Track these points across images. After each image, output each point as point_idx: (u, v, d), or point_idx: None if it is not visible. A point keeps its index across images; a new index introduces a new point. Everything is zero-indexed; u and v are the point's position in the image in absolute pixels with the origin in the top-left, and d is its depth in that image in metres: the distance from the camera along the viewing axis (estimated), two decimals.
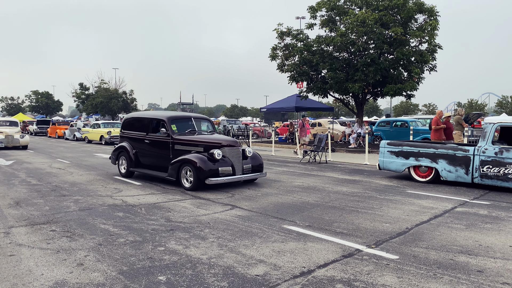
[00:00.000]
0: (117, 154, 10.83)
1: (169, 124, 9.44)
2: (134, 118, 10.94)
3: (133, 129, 10.57)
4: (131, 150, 10.34)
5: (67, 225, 5.79)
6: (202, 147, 8.93)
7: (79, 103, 53.67)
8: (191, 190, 8.46)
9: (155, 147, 9.76)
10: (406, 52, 18.35)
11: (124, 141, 10.77)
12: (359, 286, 3.73)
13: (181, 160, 8.77)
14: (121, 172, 10.68)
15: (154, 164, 9.78)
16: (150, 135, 9.90)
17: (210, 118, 10.63)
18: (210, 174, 8.40)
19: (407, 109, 78.42)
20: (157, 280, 3.84)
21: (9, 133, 20.03)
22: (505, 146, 8.67)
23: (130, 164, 10.31)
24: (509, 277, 3.97)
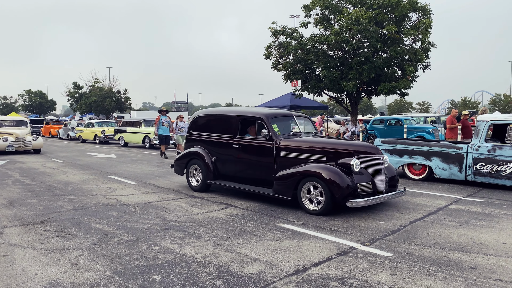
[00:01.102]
0: (186, 162, 8.63)
1: (269, 124, 7.28)
2: (211, 116, 8.74)
3: (210, 130, 8.39)
4: (208, 157, 8.17)
5: (61, 225, 5.76)
6: (325, 155, 6.72)
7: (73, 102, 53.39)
8: (321, 214, 6.29)
9: (248, 153, 7.55)
10: (400, 51, 18.41)
11: (196, 146, 8.56)
12: (354, 283, 3.75)
13: (300, 172, 6.56)
14: (192, 185, 8.52)
15: (246, 175, 7.60)
16: (240, 139, 7.68)
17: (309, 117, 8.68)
18: (348, 192, 6.13)
19: (401, 107, 78.76)
20: (152, 279, 3.84)
21: (20, 135, 17.04)
22: (498, 143, 8.74)
23: (207, 175, 8.10)
24: (502, 273, 4.01)
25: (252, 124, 7.77)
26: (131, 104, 53.04)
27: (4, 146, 16.62)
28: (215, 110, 8.88)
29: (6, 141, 16.67)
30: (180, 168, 8.87)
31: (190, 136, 8.89)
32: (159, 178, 10.30)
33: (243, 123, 7.87)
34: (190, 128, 8.92)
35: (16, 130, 17.37)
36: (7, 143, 16.66)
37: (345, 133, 21.92)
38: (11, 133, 17.20)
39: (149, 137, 20.00)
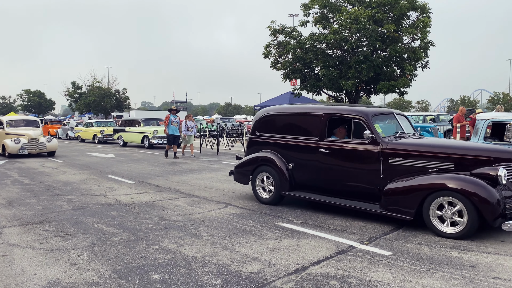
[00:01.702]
0: (252, 170, 7.28)
1: (372, 124, 6.01)
2: (286, 115, 7.25)
3: (284, 131, 7.06)
4: (283, 164, 6.85)
5: (60, 225, 5.76)
6: (453, 162, 5.47)
7: (72, 102, 53.35)
8: (461, 238, 5.08)
9: (342, 160, 6.26)
10: (399, 49, 18.43)
11: (265, 150, 7.24)
12: (353, 282, 3.76)
13: (429, 186, 5.26)
14: (260, 197, 7.19)
15: (337, 187, 6.28)
16: (330, 142, 6.35)
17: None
18: (500, 212, 4.95)
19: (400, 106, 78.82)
20: (151, 279, 3.84)
21: (33, 136, 15.39)
22: (497, 142, 8.74)
23: (281, 185, 6.80)
24: (501, 271, 4.02)
25: (343, 123, 6.64)
26: (130, 104, 53.00)
27: (16, 148, 14.99)
28: (290, 108, 7.41)
29: (18, 143, 15.05)
30: (243, 176, 7.52)
31: (256, 138, 7.52)
32: (158, 177, 10.30)
33: (332, 123, 6.61)
34: (255, 128, 7.58)
35: (28, 130, 15.61)
36: (19, 145, 15.03)
37: None
38: (23, 134, 15.44)
39: (148, 136, 19.99)
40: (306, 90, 21.76)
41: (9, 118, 17.06)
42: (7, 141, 15.21)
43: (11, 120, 16.70)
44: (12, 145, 14.99)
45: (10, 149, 14.98)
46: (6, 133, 15.78)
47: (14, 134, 15.53)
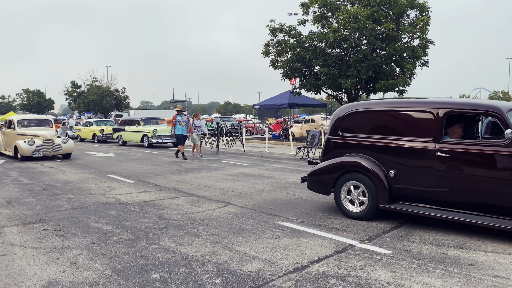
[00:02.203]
0: (335, 178, 6.11)
1: (509, 121, 4.98)
2: (381, 111, 6.01)
3: (379, 131, 5.92)
4: (381, 171, 5.73)
5: (60, 224, 5.76)
6: None
7: (71, 101, 53.33)
8: None
9: (469, 166, 5.20)
10: (398, 48, 18.43)
11: (353, 154, 6.07)
12: (352, 281, 3.76)
13: None
14: (348, 210, 6.03)
15: (461, 199, 5.19)
16: (450, 144, 5.31)
17: None
18: None
19: None
20: (151, 278, 3.84)
21: (48, 137, 14.06)
22: None
23: (380, 196, 5.66)
24: (500, 270, 4.02)
25: (460, 121, 5.75)
26: (129, 103, 52.95)
27: (30, 150, 13.69)
28: (389, 102, 6.11)
29: (32, 145, 13.71)
30: (322, 185, 6.33)
31: (338, 139, 6.33)
32: (157, 176, 10.30)
33: (451, 120, 5.60)
34: (337, 127, 6.38)
35: (42, 131, 14.32)
36: (33, 147, 13.71)
37: None
38: (37, 134, 14.10)
39: (148, 136, 19.98)
40: (305, 89, 21.79)
41: (21, 118, 15.66)
42: (20, 142, 13.84)
43: (22, 120, 15.30)
44: (26, 147, 13.66)
45: (23, 151, 13.66)
46: (18, 134, 14.45)
47: (26, 135, 14.20)
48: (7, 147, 15.27)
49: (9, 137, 15.11)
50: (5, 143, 15.53)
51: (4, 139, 15.66)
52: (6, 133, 15.50)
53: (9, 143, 15.06)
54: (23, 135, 14.26)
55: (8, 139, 15.21)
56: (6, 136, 15.49)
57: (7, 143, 15.34)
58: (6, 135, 15.43)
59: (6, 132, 15.44)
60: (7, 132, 15.40)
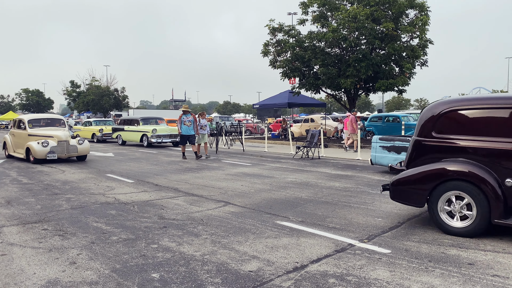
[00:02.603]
0: (432, 187, 5.24)
1: None
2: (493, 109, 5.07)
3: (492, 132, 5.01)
4: (493, 180, 4.90)
5: (59, 224, 5.76)
6: None
7: (70, 101, 53.38)
8: None
9: None
10: (398, 48, 18.45)
11: (453, 160, 5.23)
12: (352, 280, 3.76)
13: None
14: (448, 225, 5.15)
15: None
16: None
17: None
18: None
19: (399, 104, 78.90)
20: (151, 278, 3.84)
21: (63, 138, 13.06)
22: None
23: (493, 210, 4.83)
24: (499, 269, 4.03)
25: None
26: (128, 103, 52.98)
27: (44, 152, 12.70)
28: (499, 97, 5.18)
29: (46, 146, 12.73)
30: (415, 195, 5.41)
31: (432, 142, 5.45)
32: (157, 176, 10.30)
33: None
34: (430, 128, 5.50)
35: (56, 131, 13.36)
36: (47, 149, 12.74)
37: (342, 131, 21.96)
38: (51, 135, 13.12)
39: (147, 135, 19.98)
40: (305, 89, 21.81)
41: (31, 117, 14.53)
42: (33, 144, 12.80)
43: (34, 119, 14.27)
44: (40, 149, 12.66)
45: (37, 154, 12.65)
46: (29, 134, 13.47)
47: (39, 136, 13.23)
48: (17, 148, 14.30)
49: (19, 138, 14.09)
50: (14, 145, 14.56)
51: (13, 140, 14.69)
52: (15, 133, 14.43)
53: (19, 145, 14.08)
54: (35, 136, 13.27)
55: (18, 140, 14.20)
56: (15, 137, 14.43)
57: (17, 144, 14.32)
58: (16, 136, 14.36)
59: (16, 132, 14.39)
60: (16, 132, 14.34)
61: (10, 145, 14.68)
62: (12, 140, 14.66)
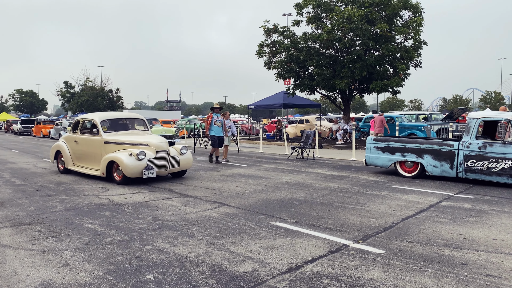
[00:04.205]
0: None
1: None
2: None
3: None
4: None
5: (53, 225, 5.72)
6: None
7: (65, 102, 53.12)
8: None
9: None
10: (392, 49, 18.52)
11: None
12: (346, 281, 3.77)
13: None
14: None
15: None
16: None
17: None
18: None
19: (393, 105, 79.19)
20: (145, 279, 3.83)
21: (163, 147, 9.36)
22: (489, 140, 8.82)
23: None
24: (492, 269, 4.05)
25: None
26: (123, 103, 52.81)
27: (140, 168, 8.82)
28: None
29: (142, 160, 8.86)
30: None
31: None
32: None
33: None
34: None
35: (151, 138, 9.58)
36: (143, 163, 8.87)
37: (337, 131, 22.01)
38: (144, 143, 9.33)
39: None
40: (299, 90, 21.83)
41: (105, 116, 10.61)
42: (121, 156, 8.87)
43: (108, 119, 10.47)
44: (133, 164, 8.75)
45: (129, 170, 8.73)
46: (107, 142, 9.69)
47: (124, 143, 9.49)
48: (82, 161, 10.49)
49: (87, 147, 10.25)
50: (76, 155, 10.66)
51: (74, 149, 10.70)
52: (79, 140, 10.51)
53: (86, 156, 10.29)
54: (116, 144, 9.54)
55: (84, 149, 10.37)
56: (79, 145, 10.50)
57: (81, 155, 10.48)
58: (80, 143, 10.45)
59: (80, 139, 10.48)
60: (81, 139, 10.45)
61: (69, 156, 10.72)
62: (73, 149, 10.73)
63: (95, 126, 10.34)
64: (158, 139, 9.59)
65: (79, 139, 10.55)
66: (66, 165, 10.82)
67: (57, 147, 11.27)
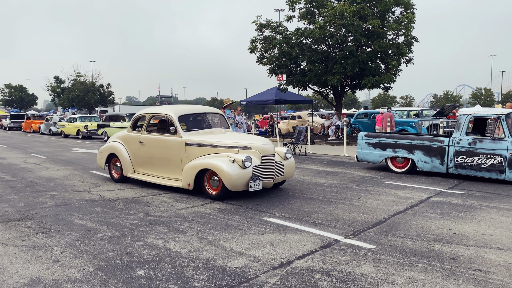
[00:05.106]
0: None
1: None
2: None
3: None
4: None
5: (43, 221, 5.67)
6: None
7: (55, 97, 52.57)
8: None
9: None
10: (384, 45, 18.59)
11: None
12: (337, 276, 3.79)
13: None
14: None
15: None
16: None
17: None
18: None
19: (385, 101, 79.58)
20: (136, 275, 3.82)
21: (269, 150, 7.31)
22: (478, 136, 8.91)
23: None
24: (481, 263, 4.10)
25: None
26: (114, 99, 52.40)
27: (246, 179, 6.81)
28: None
29: (249, 166, 6.85)
30: None
31: None
32: None
33: None
34: None
35: (252, 139, 7.46)
36: (249, 171, 6.85)
37: (329, 127, 22.07)
38: (246, 145, 7.16)
39: None
40: (292, 85, 21.83)
41: (182, 111, 8.18)
42: (220, 163, 6.81)
43: (185, 115, 8.16)
44: (238, 173, 6.71)
45: (233, 181, 6.69)
46: (190, 144, 7.49)
47: (212, 146, 7.29)
48: (148, 167, 8.23)
49: (158, 149, 7.96)
50: (140, 161, 8.38)
51: (136, 152, 8.43)
52: (147, 141, 8.18)
53: (157, 161, 8.03)
54: (205, 147, 7.32)
55: (154, 152, 8.05)
56: (146, 147, 8.18)
57: (149, 160, 8.20)
58: (148, 144, 8.15)
59: (148, 139, 8.16)
60: (150, 139, 8.14)
61: (129, 161, 8.51)
62: (135, 153, 8.45)
63: (170, 123, 8.03)
64: (262, 140, 7.49)
65: (147, 140, 8.19)
66: (124, 172, 8.58)
67: (110, 149, 8.96)
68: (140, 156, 8.41)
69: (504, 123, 8.54)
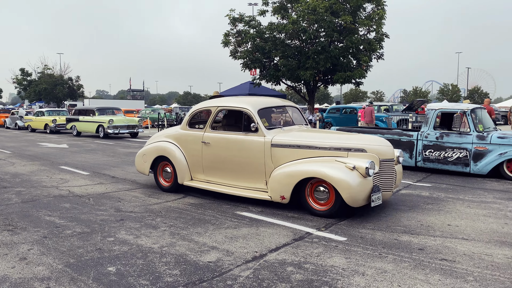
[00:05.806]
0: None
1: None
2: None
3: None
4: None
5: (8, 218, 5.49)
6: None
7: (21, 90, 50.75)
8: None
9: None
10: (355, 41, 18.82)
11: None
12: (309, 268, 3.84)
13: None
14: None
15: None
16: None
17: None
18: None
19: (356, 96, 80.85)
20: (107, 271, 3.75)
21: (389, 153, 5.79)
22: (445, 131, 9.19)
23: None
24: (447, 253, 4.25)
25: None
26: (83, 92, 51.08)
27: (368, 190, 5.35)
28: None
29: (371, 175, 5.38)
30: None
31: None
32: (114, 168, 10.03)
33: None
34: None
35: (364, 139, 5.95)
36: (370, 181, 5.39)
37: None
38: (358, 147, 5.67)
39: (103, 126, 19.38)
40: (265, 80, 21.84)
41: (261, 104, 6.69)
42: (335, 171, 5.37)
43: (265, 108, 6.67)
44: (359, 184, 5.28)
45: (355, 194, 5.28)
46: (276, 145, 6.06)
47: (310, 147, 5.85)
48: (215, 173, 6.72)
49: (232, 152, 6.45)
50: (202, 166, 6.83)
51: (197, 154, 6.86)
52: (214, 141, 6.63)
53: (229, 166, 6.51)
54: (300, 148, 5.88)
55: (225, 154, 6.52)
56: (214, 149, 6.63)
57: (217, 164, 6.66)
58: (215, 145, 6.61)
59: (217, 139, 6.62)
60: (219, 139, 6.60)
61: (186, 165, 6.96)
62: (195, 154, 6.90)
63: (246, 119, 6.40)
64: (379, 140, 5.97)
65: (214, 140, 6.63)
66: (179, 179, 6.99)
67: (158, 151, 7.29)
68: (204, 160, 6.76)
69: (470, 118, 8.83)
